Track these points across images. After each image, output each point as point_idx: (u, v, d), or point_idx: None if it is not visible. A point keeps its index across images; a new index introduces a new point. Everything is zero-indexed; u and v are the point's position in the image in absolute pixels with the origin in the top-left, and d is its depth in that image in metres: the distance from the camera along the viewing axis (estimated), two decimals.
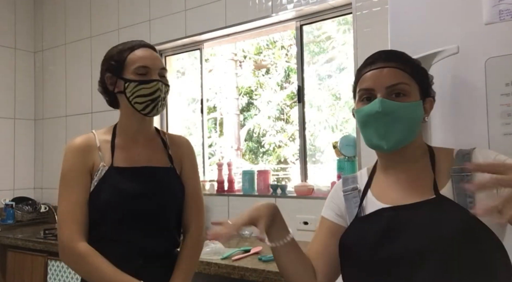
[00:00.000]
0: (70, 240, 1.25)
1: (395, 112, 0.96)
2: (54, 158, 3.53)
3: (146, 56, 1.33)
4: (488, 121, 1.18)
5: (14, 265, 2.77)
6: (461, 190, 0.92)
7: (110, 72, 1.34)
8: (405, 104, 0.96)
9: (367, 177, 1.10)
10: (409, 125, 0.97)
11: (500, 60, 1.17)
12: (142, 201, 1.31)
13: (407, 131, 0.97)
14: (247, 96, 7.14)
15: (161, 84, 1.33)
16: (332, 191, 1.16)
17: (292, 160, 6.51)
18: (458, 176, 0.94)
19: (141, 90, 1.30)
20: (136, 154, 1.37)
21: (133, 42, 1.37)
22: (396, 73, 0.97)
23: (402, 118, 0.96)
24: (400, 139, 0.97)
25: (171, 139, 1.47)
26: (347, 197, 1.09)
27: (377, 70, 0.99)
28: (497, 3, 1.18)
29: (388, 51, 1.06)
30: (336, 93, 5.84)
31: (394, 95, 0.97)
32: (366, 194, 1.06)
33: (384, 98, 0.96)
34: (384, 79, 0.97)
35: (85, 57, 3.42)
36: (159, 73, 1.34)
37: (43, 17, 3.77)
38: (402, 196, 0.98)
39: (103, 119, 3.22)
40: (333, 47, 5.76)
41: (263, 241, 1.01)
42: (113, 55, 1.35)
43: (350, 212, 1.07)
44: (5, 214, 3.24)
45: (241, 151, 6.54)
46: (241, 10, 2.65)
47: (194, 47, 3.03)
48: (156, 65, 1.34)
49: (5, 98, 3.56)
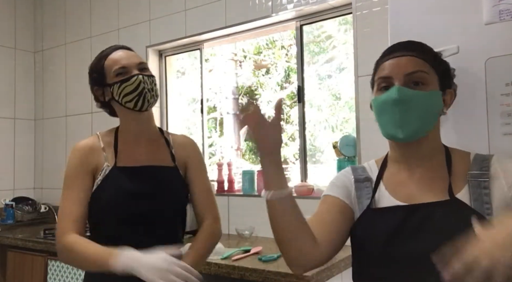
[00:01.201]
0: (61, 234, 1.28)
1: (412, 100, 0.94)
2: (54, 158, 3.53)
3: (120, 57, 1.36)
4: (488, 121, 1.18)
5: (14, 265, 2.77)
6: (479, 196, 0.92)
7: (96, 85, 1.40)
8: (423, 93, 0.94)
9: (377, 169, 1.07)
10: (426, 114, 0.96)
11: (500, 60, 1.17)
12: (144, 200, 1.32)
13: (424, 121, 0.96)
14: (247, 96, 7.14)
15: (142, 77, 1.34)
16: (339, 175, 1.12)
17: (292, 160, 6.51)
18: (476, 182, 0.93)
19: (125, 88, 1.33)
20: (138, 153, 1.38)
21: (106, 49, 1.41)
22: (415, 61, 0.96)
23: (419, 107, 0.94)
24: (416, 128, 0.95)
25: (175, 139, 1.48)
26: (359, 186, 1.06)
27: (396, 59, 0.98)
28: (497, 3, 1.18)
29: (408, 41, 1.04)
30: (336, 93, 5.84)
31: (412, 84, 0.95)
32: (378, 186, 1.03)
33: (402, 86, 0.94)
34: (402, 67, 0.96)
35: (85, 57, 3.42)
36: (138, 68, 1.36)
37: (43, 17, 3.77)
38: (416, 194, 0.97)
39: (103, 119, 3.19)
40: (333, 46, 5.76)
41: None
42: (93, 67, 1.40)
43: (360, 202, 1.04)
44: (5, 214, 3.24)
45: (241, 151, 6.54)
46: (241, 10, 2.64)
47: (194, 47, 3.03)
48: (132, 62, 1.36)
49: (5, 98, 3.56)
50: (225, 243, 2.20)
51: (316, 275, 1.69)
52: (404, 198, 0.98)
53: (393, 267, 0.92)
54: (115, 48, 1.40)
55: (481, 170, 0.94)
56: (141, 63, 1.38)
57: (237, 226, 2.51)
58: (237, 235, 2.50)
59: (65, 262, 1.35)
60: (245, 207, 2.58)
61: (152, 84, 1.37)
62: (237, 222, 2.54)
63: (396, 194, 1.00)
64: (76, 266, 1.33)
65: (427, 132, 0.98)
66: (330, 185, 1.11)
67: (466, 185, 0.94)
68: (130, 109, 1.35)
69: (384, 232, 0.95)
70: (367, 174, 1.07)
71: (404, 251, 0.91)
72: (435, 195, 0.95)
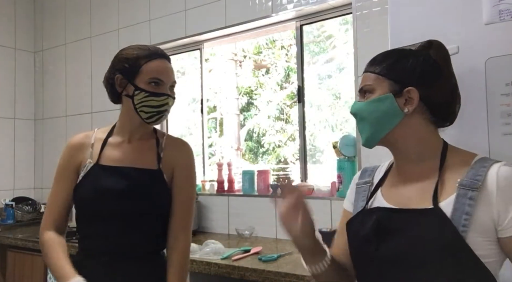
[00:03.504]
0: (41, 230, 1.36)
1: (360, 112, 1.02)
2: (54, 158, 3.49)
3: (161, 69, 1.34)
4: (488, 121, 1.18)
5: (14, 265, 2.77)
6: (461, 205, 0.88)
7: (122, 74, 1.33)
8: (366, 102, 1.00)
9: (383, 172, 1.10)
10: (374, 120, 0.99)
11: (500, 60, 1.17)
12: (119, 199, 1.31)
13: (375, 126, 1.00)
14: (247, 96, 7.14)
15: (170, 99, 1.35)
16: (352, 183, 1.18)
17: (292, 160, 6.51)
18: (463, 190, 0.89)
19: (150, 101, 1.32)
20: (123, 153, 1.37)
21: (150, 50, 1.36)
22: (366, 77, 1.03)
23: (367, 115, 1.00)
24: (370, 134, 1.01)
25: (168, 142, 1.43)
26: (358, 190, 1.12)
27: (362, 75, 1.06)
28: (497, 3, 1.18)
29: (379, 54, 1.06)
30: (336, 92, 5.84)
31: (363, 96, 1.03)
32: (377, 190, 1.06)
33: (356, 101, 1.04)
34: (361, 84, 1.04)
35: (85, 57, 3.42)
36: (170, 86, 1.36)
37: (43, 17, 3.77)
38: (404, 199, 0.98)
39: (103, 119, 3.22)
40: (334, 46, 5.76)
41: None
42: (129, 58, 1.33)
43: (356, 205, 1.09)
44: (5, 214, 3.24)
45: (241, 151, 6.54)
46: (241, 10, 2.64)
47: (194, 47, 3.03)
48: (169, 79, 1.35)
49: (5, 98, 3.56)
50: (225, 243, 2.20)
51: None
52: (395, 202, 0.99)
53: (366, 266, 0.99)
54: (160, 54, 1.36)
55: (474, 179, 0.89)
56: (174, 82, 1.38)
57: (237, 226, 2.51)
58: (237, 235, 2.50)
59: None
60: (245, 207, 2.58)
61: (171, 107, 1.38)
62: (237, 222, 2.54)
63: (388, 197, 1.02)
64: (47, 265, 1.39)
65: (387, 135, 0.99)
66: (346, 196, 1.17)
67: (455, 193, 0.90)
68: (140, 118, 1.34)
69: (362, 231, 0.99)
70: (371, 177, 1.11)
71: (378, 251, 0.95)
72: (420, 201, 0.94)
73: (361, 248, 1.00)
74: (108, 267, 1.30)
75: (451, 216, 0.87)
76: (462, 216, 0.87)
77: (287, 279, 1.69)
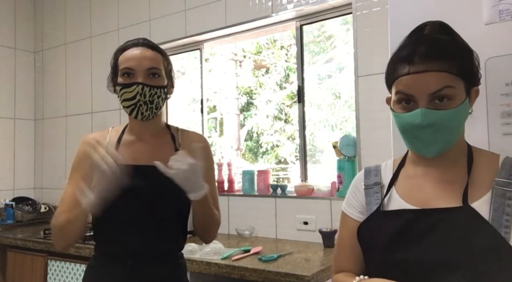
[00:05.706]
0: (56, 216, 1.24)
1: (438, 123, 0.87)
2: (54, 158, 3.53)
3: (132, 57, 1.25)
4: (488, 121, 1.18)
5: (14, 265, 2.77)
6: (500, 206, 0.84)
7: (111, 73, 1.32)
8: (449, 112, 0.87)
9: (392, 171, 1.03)
10: (453, 130, 0.90)
11: (500, 60, 1.17)
12: (138, 198, 1.25)
13: (452, 136, 0.91)
14: (247, 96, 7.14)
15: (141, 87, 1.22)
16: (352, 185, 1.09)
17: (292, 160, 6.51)
18: (501, 190, 0.86)
19: (124, 94, 1.24)
20: (139, 152, 1.32)
21: (128, 41, 1.32)
22: (440, 77, 0.86)
23: (446, 126, 0.88)
24: (445, 145, 0.90)
25: (184, 136, 1.39)
26: (368, 192, 1.03)
27: (418, 75, 0.87)
28: (497, 3, 1.18)
29: (428, 44, 0.90)
30: (336, 92, 5.84)
31: (438, 100, 0.87)
32: (390, 191, 0.99)
33: (427, 108, 0.86)
34: (425, 86, 0.86)
35: (85, 57, 3.42)
36: (146, 74, 1.24)
37: (43, 17, 3.77)
38: (429, 199, 0.92)
39: (103, 119, 3.22)
40: (334, 46, 5.76)
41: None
42: (113, 56, 1.33)
43: (370, 208, 1.01)
44: (5, 214, 3.24)
45: (241, 151, 6.54)
46: (241, 10, 2.64)
47: (194, 47, 3.03)
48: (142, 65, 1.24)
49: (5, 98, 3.56)
50: (225, 243, 2.20)
51: (316, 275, 1.69)
52: (416, 202, 0.93)
53: (393, 271, 0.88)
54: (135, 43, 1.29)
55: (510, 178, 0.86)
56: (151, 68, 1.25)
57: (237, 226, 2.51)
58: (237, 235, 2.50)
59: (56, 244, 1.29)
60: (245, 207, 2.58)
61: (153, 96, 1.25)
62: (237, 222, 2.54)
63: (408, 197, 0.96)
64: (64, 234, 1.24)
65: (455, 141, 0.93)
66: (346, 199, 1.09)
67: (489, 192, 0.87)
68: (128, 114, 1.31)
69: (386, 235, 0.92)
70: (378, 178, 1.04)
71: (406, 256, 0.88)
72: (449, 200, 0.89)
73: (385, 253, 0.91)
74: (133, 271, 1.25)
75: (492, 216, 0.84)
76: (503, 217, 0.84)
77: (287, 279, 1.69)
